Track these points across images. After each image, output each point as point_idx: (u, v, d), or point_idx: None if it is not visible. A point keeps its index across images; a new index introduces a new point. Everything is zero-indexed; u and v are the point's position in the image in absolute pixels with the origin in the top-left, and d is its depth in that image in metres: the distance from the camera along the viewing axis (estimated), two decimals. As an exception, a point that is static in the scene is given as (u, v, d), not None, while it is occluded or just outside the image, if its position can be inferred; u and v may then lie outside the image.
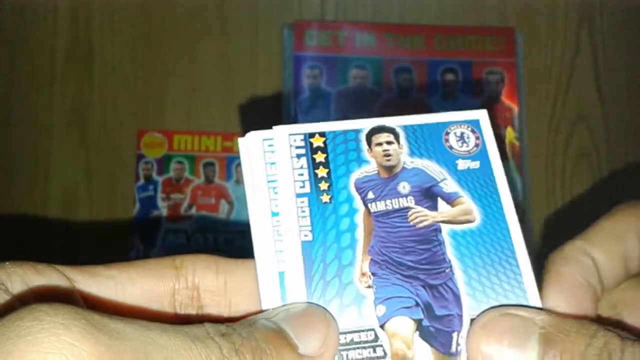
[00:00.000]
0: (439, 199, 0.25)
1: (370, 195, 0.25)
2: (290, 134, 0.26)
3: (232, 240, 0.67)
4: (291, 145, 0.26)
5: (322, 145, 0.26)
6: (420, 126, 0.27)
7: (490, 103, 0.68)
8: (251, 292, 0.25)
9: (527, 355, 0.21)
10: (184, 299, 0.25)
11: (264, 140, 0.26)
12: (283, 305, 0.23)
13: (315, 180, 0.25)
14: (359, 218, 0.25)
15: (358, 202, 0.25)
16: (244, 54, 0.70)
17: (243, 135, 0.27)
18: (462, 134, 0.27)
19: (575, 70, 0.71)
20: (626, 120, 0.71)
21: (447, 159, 0.26)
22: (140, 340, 0.18)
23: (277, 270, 0.24)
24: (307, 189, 0.25)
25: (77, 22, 0.70)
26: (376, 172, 0.26)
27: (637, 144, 0.71)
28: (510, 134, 0.68)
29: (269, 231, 0.25)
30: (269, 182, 0.25)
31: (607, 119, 0.71)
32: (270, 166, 0.26)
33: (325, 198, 0.25)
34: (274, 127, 0.27)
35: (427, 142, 0.26)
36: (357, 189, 0.25)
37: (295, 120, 0.67)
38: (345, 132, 0.27)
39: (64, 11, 0.69)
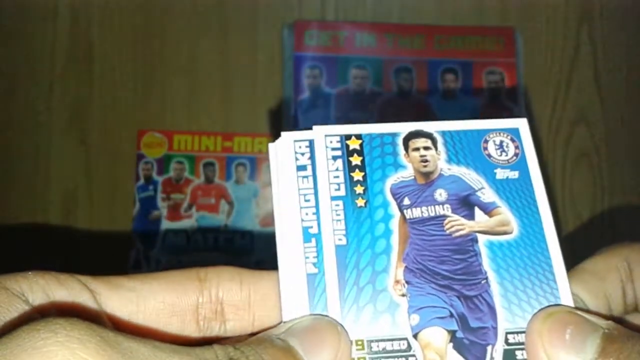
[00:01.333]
0: (476, 209, 0.25)
1: (406, 201, 0.25)
2: (326, 135, 0.26)
3: (232, 240, 0.67)
4: (327, 147, 0.25)
5: (358, 147, 0.26)
6: (459, 132, 0.26)
7: (490, 103, 0.68)
8: (275, 306, 0.24)
9: (588, 349, 0.21)
10: (207, 313, 0.25)
11: (295, 141, 0.26)
12: (292, 320, 0.23)
13: (350, 183, 0.25)
14: (394, 224, 0.24)
15: (394, 208, 0.25)
16: (244, 54, 0.70)
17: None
18: (501, 142, 0.26)
19: (575, 70, 0.71)
20: (626, 120, 0.71)
21: (486, 168, 0.25)
22: (151, 359, 0.18)
23: (305, 273, 0.23)
24: (342, 192, 0.25)
25: (77, 22, 0.70)
26: (413, 177, 0.25)
27: (637, 144, 0.71)
28: (510, 134, 0.68)
29: (298, 235, 0.24)
30: (300, 189, 0.25)
31: (607, 119, 0.71)
32: (300, 172, 0.25)
33: (360, 202, 0.25)
34: (313, 127, 0.26)
35: (465, 149, 0.26)
36: (393, 195, 0.25)
37: (295, 120, 0.67)
38: (382, 135, 0.26)
39: (64, 11, 0.69)
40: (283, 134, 0.26)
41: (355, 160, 0.25)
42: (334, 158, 0.25)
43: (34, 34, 0.69)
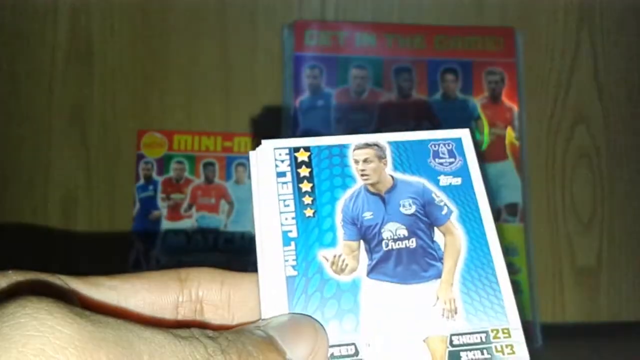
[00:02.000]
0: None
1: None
2: (275, 148, 0.27)
3: (232, 240, 0.67)
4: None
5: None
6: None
7: (490, 103, 0.68)
8: (255, 307, 0.25)
9: None
10: (186, 312, 0.25)
11: (275, 149, 0.27)
12: (274, 317, 0.23)
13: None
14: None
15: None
16: (244, 54, 0.70)
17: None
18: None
19: (575, 70, 0.71)
20: (626, 120, 0.71)
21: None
22: (123, 331, 0.18)
23: (284, 275, 0.24)
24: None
25: (77, 22, 0.70)
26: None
27: (637, 144, 0.71)
28: (510, 134, 0.68)
29: (278, 239, 0.25)
30: (279, 194, 0.26)
31: (607, 119, 0.71)
32: (279, 176, 0.26)
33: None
34: (262, 141, 0.27)
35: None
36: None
37: (295, 121, 0.67)
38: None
39: (64, 11, 0.69)
40: (264, 141, 0.27)
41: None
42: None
43: (34, 34, 0.69)
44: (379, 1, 0.71)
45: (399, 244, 0.25)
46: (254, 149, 0.27)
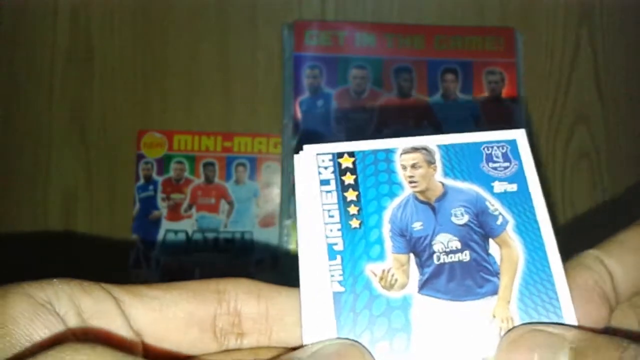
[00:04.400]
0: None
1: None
2: (318, 154, 0.25)
3: (232, 240, 0.67)
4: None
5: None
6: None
7: (490, 103, 0.68)
8: (292, 322, 0.24)
9: None
10: (224, 325, 0.25)
11: (317, 154, 0.25)
12: (317, 343, 0.22)
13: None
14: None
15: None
16: (244, 54, 0.70)
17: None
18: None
19: (575, 70, 0.71)
20: (626, 120, 0.71)
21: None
22: None
23: (330, 291, 0.23)
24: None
25: (77, 22, 0.70)
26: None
27: (637, 144, 0.71)
28: (510, 134, 0.68)
29: (323, 253, 0.23)
30: (323, 204, 0.24)
31: (607, 119, 0.71)
32: (323, 184, 0.25)
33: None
34: (304, 147, 0.25)
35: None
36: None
37: (295, 120, 0.67)
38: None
39: (64, 11, 0.69)
40: (305, 147, 0.25)
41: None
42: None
43: (34, 34, 0.69)
44: (379, 1, 0.71)
45: (451, 257, 0.23)
46: (297, 152, 0.25)
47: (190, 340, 0.24)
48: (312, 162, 0.25)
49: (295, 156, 0.25)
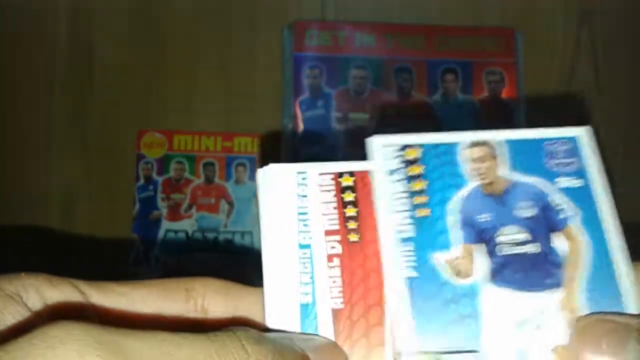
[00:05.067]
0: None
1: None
2: (384, 145, 0.26)
3: (232, 240, 0.67)
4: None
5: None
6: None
7: (490, 103, 0.68)
8: (261, 322, 0.24)
9: (630, 355, 0.20)
10: (192, 323, 0.25)
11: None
12: (302, 333, 0.23)
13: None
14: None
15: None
16: (244, 54, 0.70)
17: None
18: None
19: (575, 70, 0.71)
20: (626, 120, 0.71)
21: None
22: (158, 358, 0.17)
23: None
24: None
25: (77, 22, 0.70)
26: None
27: (637, 143, 0.71)
28: (510, 134, 0.68)
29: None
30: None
31: (607, 118, 0.71)
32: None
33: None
34: (371, 138, 0.26)
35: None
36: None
37: (295, 120, 0.67)
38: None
39: (64, 11, 0.69)
40: (275, 165, 0.26)
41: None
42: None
43: (34, 35, 0.69)
44: (379, 1, 0.71)
45: (517, 249, 0.24)
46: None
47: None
48: (379, 153, 0.26)
49: (373, 143, 0.26)
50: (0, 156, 0.68)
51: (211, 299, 0.25)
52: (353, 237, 0.25)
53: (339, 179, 0.26)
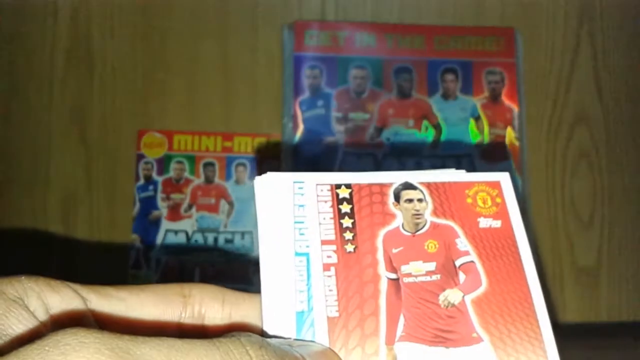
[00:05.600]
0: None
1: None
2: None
3: (232, 240, 0.67)
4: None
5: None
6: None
7: (490, 103, 0.68)
8: (256, 328, 0.25)
9: None
10: (189, 329, 0.25)
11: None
12: (299, 340, 0.23)
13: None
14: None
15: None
16: (244, 54, 0.70)
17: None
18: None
19: (575, 70, 0.71)
20: (626, 120, 0.71)
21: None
22: None
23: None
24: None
25: (77, 22, 0.70)
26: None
27: (637, 144, 0.71)
28: (510, 134, 0.68)
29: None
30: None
31: (607, 119, 0.71)
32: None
33: (349, 247, 0.26)
34: (300, 175, 0.27)
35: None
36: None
37: (295, 120, 0.67)
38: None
39: (64, 11, 0.69)
40: (273, 174, 0.27)
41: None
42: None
43: (34, 34, 0.69)
44: (379, 1, 0.71)
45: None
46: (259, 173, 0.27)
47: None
48: (281, 185, 0.27)
49: (258, 178, 0.27)
50: (0, 156, 0.68)
51: (208, 305, 0.26)
52: (349, 248, 0.26)
53: (337, 190, 0.27)
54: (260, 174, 0.27)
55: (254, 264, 0.66)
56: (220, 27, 0.70)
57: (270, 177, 0.27)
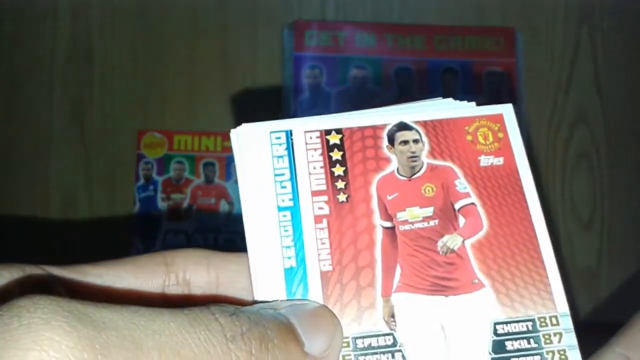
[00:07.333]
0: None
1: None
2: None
3: (232, 240, 0.67)
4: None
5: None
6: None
7: (490, 103, 0.68)
8: (244, 288, 0.24)
9: None
10: (174, 296, 0.25)
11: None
12: (288, 300, 0.23)
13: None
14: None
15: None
16: (244, 54, 0.70)
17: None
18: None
19: (575, 70, 0.71)
20: (626, 120, 0.71)
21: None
22: (129, 327, 0.17)
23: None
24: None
25: (77, 22, 0.70)
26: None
27: (637, 144, 0.71)
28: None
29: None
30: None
31: (607, 119, 0.71)
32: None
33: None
34: (283, 123, 0.26)
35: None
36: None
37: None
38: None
39: (64, 11, 0.69)
40: (249, 125, 0.26)
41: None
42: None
43: (34, 34, 0.69)
44: (379, 1, 0.71)
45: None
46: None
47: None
48: (258, 136, 0.25)
49: (234, 131, 0.26)
50: (0, 156, 0.68)
51: (192, 271, 0.25)
52: (341, 197, 0.24)
53: (327, 137, 0.25)
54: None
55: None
56: (220, 27, 0.70)
57: (246, 128, 0.26)
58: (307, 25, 0.68)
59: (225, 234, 0.67)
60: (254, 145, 0.25)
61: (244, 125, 0.26)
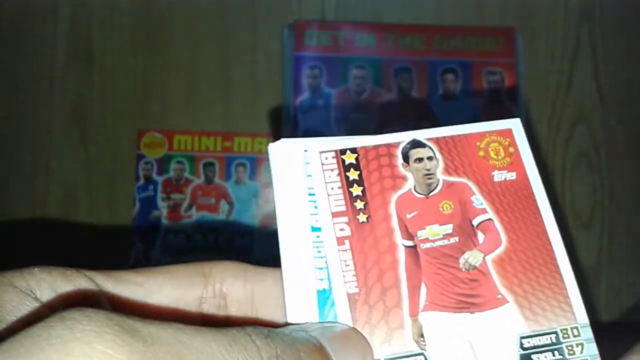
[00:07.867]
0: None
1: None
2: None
3: (232, 240, 0.67)
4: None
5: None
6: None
7: (490, 103, 0.68)
8: (279, 304, 0.24)
9: None
10: (210, 308, 0.25)
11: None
12: (320, 322, 0.23)
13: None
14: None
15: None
16: (244, 54, 0.70)
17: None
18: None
19: (575, 70, 0.71)
20: (626, 120, 0.71)
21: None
22: (174, 344, 0.17)
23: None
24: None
25: (77, 22, 0.70)
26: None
27: (637, 144, 0.71)
28: (510, 134, 0.68)
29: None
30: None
31: (607, 119, 0.71)
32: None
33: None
34: (307, 142, 0.26)
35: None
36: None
37: (295, 121, 0.67)
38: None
39: (64, 11, 0.69)
40: (286, 140, 0.26)
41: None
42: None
43: (34, 34, 0.69)
44: (379, 1, 0.71)
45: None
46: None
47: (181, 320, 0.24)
48: (294, 153, 0.25)
49: (271, 145, 0.25)
50: (0, 156, 0.68)
51: (229, 283, 0.25)
52: (361, 218, 0.24)
53: (342, 157, 0.25)
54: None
55: (255, 263, 0.66)
56: (220, 27, 0.70)
57: (284, 144, 0.25)
58: (307, 25, 0.68)
59: (225, 234, 0.67)
60: (289, 163, 0.25)
61: (282, 140, 0.25)
